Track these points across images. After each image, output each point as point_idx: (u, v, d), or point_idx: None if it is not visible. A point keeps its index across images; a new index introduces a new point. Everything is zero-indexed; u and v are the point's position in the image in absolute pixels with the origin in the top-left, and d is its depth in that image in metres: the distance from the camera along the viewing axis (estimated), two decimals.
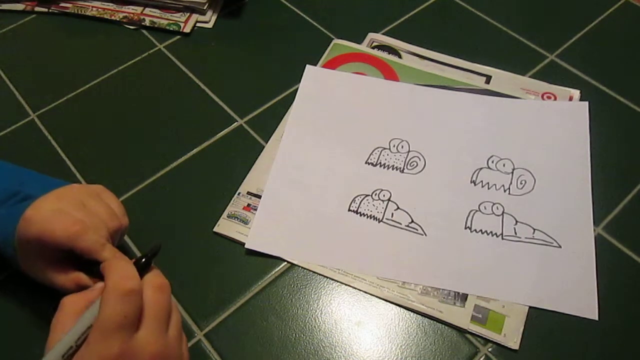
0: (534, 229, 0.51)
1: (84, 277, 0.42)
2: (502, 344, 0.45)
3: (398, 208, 0.52)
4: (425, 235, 0.51)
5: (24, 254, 0.42)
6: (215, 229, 0.52)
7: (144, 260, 0.39)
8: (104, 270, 0.37)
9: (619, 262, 0.49)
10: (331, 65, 0.64)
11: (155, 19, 0.69)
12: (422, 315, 0.47)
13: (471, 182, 0.54)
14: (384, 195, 0.53)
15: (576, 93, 0.61)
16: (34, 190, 0.44)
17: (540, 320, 0.46)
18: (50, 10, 0.71)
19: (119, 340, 0.34)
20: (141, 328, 0.36)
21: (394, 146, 0.57)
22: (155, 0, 0.70)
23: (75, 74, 0.65)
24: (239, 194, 0.54)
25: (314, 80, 0.62)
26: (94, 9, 0.70)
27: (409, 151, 0.56)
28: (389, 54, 0.65)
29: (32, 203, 0.41)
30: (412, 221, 0.52)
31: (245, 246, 0.51)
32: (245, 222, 0.52)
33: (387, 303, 0.48)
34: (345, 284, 0.49)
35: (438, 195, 0.53)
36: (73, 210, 0.41)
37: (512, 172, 0.54)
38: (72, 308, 0.37)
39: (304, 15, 0.70)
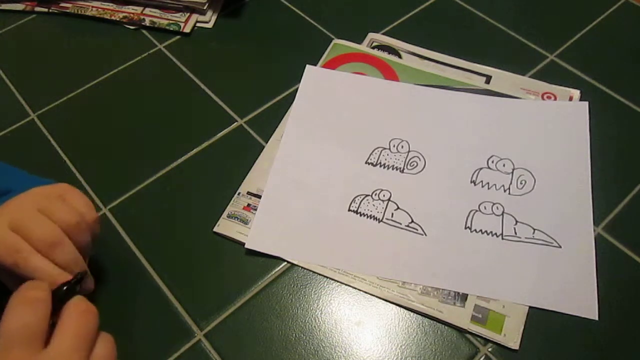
0: (534, 229, 0.51)
1: None
2: (502, 344, 0.45)
3: (398, 208, 0.52)
4: (425, 235, 0.51)
5: None
6: (215, 229, 0.52)
7: (65, 287, 0.38)
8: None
9: (619, 262, 0.49)
10: (331, 65, 0.64)
11: (155, 19, 0.69)
12: (422, 315, 0.47)
13: (471, 182, 0.54)
14: (384, 195, 0.53)
15: (576, 93, 0.61)
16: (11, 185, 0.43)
17: (540, 320, 0.46)
18: (50, 10, 0.71)
19: (17, 352, 0.32)
20: (52, 345, 0.33)
21: (394, 146, 0.57)
22: (155, 0, 0.70)
23: (75, 74, 0.65)
24: (239, 194, 0.54)
25: (314, 80, 0.62)
26: (94, 9, 0.70)
27: (409, 151, 0.56)
28: (389, 54, 0.65)
29: None
30: (412, 221, 0.52)
31: (245, 246, 0.51)
32: (245, 222, 0.52)
33: (387, 303, 0.48)
34: (345, 284, 0.49)
35: (438, 195, 0.53)
36: (27, 223, 0.39)
37: (512, 172, 0.54)
38: None
39: (304, 15, 0.70)
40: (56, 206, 0.41)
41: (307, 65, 0.63)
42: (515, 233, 0.51)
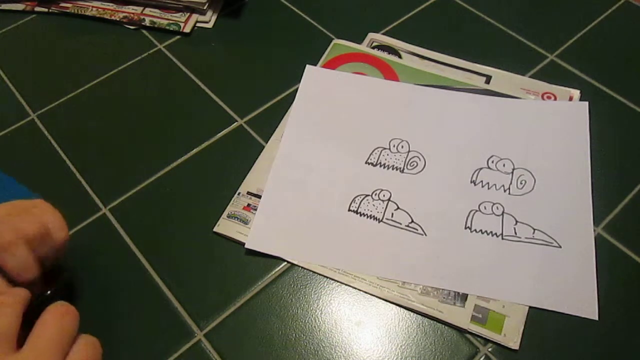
0: (534, 229, 0.51)
1: None
2: (502, 344, 0.45)
3: (398, 208, 0.52)
4: (425, 235, 0.51)
5: None
6: (215, 229, 0.52)
7: (49, 292, 0.38)
8: None
9: (619, 262, 0.49)
10: (331, 65, 0.64)
11: (155, 19, 0.69)
12: (422, 315, 0.47)
13: (471, 182, 0.54)
14: (384, 195, 0.53)
15: (576, 93, 0.61)
16: None
17: (540, 320, 0.46)
18: (50, 10, 0.71)
19: None
20: (25, 347, 0.33)
21: (394, 146, 0.57)
22: (155, 0, 0.70)
23: (75, 74, 0.65)
24: (239, 194, 0.54)
25: (314, 80, 0.62)
26: (94, 9, 0.70)
27: (409, 151, 0.56)
28: (389, 54, 0.65)
29: None
30: (412, 221, 0.52)
31: (245, 246, 0.51)
32: (245, 222, 0.52)
33: (387, 303, 0.48)
34: (345, 284, 0.49)
35: (438, 195, 0.53)
36: None
37: (512, 172, 0.54)
38: None
39: (304, 15, 0.70)
40: (20, 216, 0.40)
41: (307, 65, 0.63)
42: (515, 233, 0.51)
